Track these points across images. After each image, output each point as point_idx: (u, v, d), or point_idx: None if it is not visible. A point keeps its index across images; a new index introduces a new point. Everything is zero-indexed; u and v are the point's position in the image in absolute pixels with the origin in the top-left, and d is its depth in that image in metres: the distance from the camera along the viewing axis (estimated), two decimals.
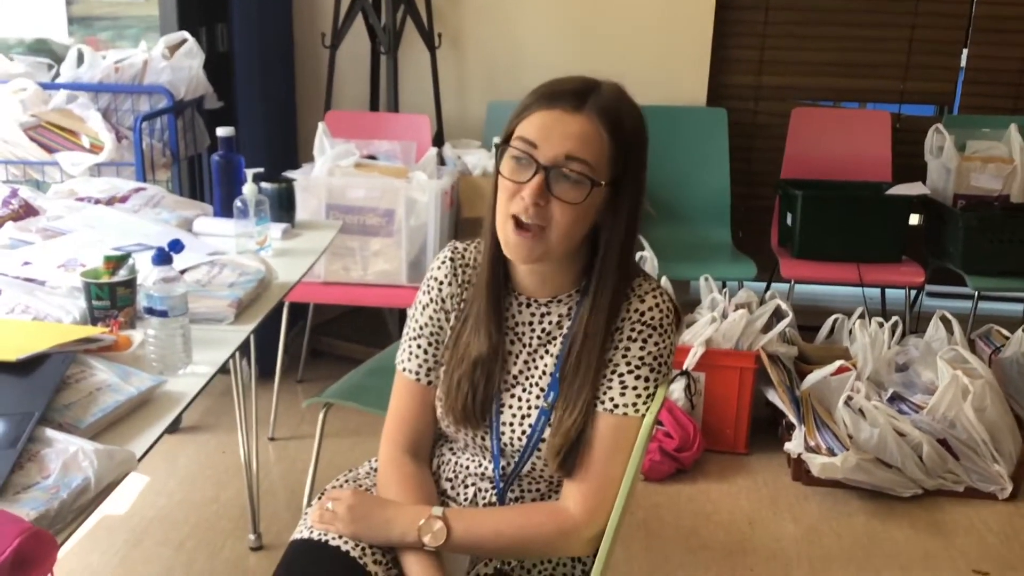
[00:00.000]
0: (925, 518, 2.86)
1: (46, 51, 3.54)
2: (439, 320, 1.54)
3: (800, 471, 3.02)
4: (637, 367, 1.42)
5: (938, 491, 2.96)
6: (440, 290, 1.53)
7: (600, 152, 1.35)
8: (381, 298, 3.22)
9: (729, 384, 3.15)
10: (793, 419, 3.02)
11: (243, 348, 3.05)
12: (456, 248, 1.54)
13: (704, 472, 3.09)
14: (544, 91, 1.38)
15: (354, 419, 3.12)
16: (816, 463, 2.87)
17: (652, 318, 1.43)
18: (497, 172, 1.40)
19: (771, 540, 2.73)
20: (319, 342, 3.82)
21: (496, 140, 1.43)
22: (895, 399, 3.10)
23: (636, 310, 1.43)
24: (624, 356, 1.42)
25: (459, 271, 1.52)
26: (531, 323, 1.49)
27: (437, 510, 1.41)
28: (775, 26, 4.04)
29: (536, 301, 1.49)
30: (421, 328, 1.55)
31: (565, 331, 1.47)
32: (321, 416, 2.41)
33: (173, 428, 3.19)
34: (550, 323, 1.48)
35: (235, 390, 2.66)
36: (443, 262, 1.54)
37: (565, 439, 1.42)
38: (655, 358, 1.43)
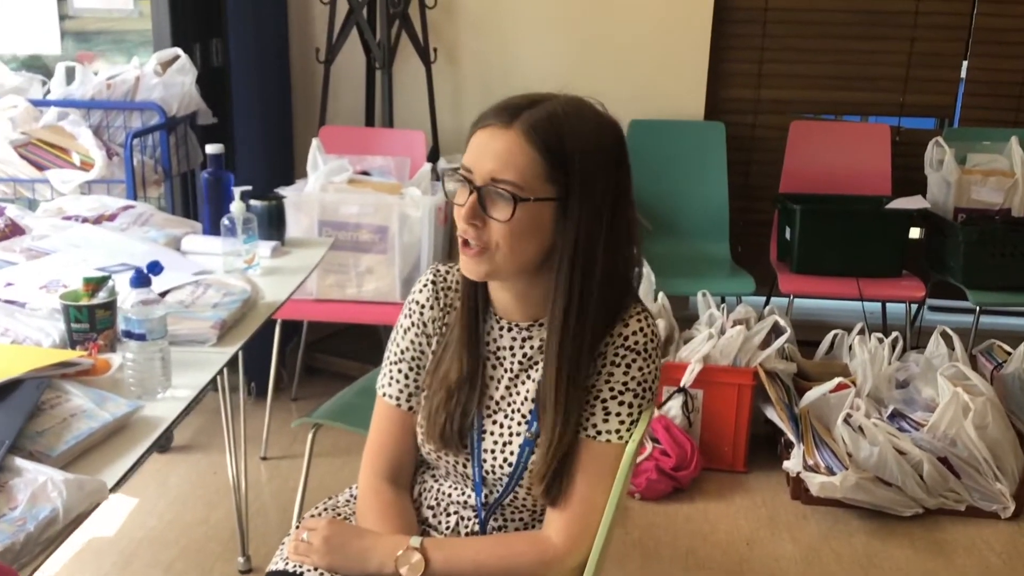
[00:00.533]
0: (926, 538, 2.82)
1: (40, 67, 3.53)
2: (420, 344, 1.50)
3: (799, 489, 2.98)
4: (620, 393, 1.38)
5: (939, 510, 2.91)
6: (422, 314, 1.50)
7: (527, 168, 1.31)
8: (374, 315, 3.19)
9: (727, 401, 3.11)
10: (792, 437, 2.98)
11: (235, 367, 3.02)
12: (438, 271, 1.51)
13: (702, 491, 3.05)
14: (486, 110, 1.36)
15: (346, 439, 3.08)
16: (815, 482, 2.83)
17: (636, 343, 1.39)
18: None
19: (770, 560, 2.69)
20: (314, 359, 3.79)
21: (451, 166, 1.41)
22: (895, 416, 3.06)
23: (620, 334, 1.39)
24: (607, 382, 1.39)
25: (441, 294, 1.49)
26: (511, 347, 1.45)
27: (415, 540, 1.38)
28: (773, 39, 4.01)
29: (517, 325, 1.45)
30: (402, 352, 1.51)
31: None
32: (310, 437, 2.38)
33: (164, 448, 3.18)
34: (531, 348, 1.44)
35: (223, 410, 2.63)
36: (425, 285, 1.51)
37: (548, 465, 1.38)
38: (639, 383, 1.39)
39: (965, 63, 4.01)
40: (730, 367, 3.10)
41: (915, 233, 3.84)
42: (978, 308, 3.55)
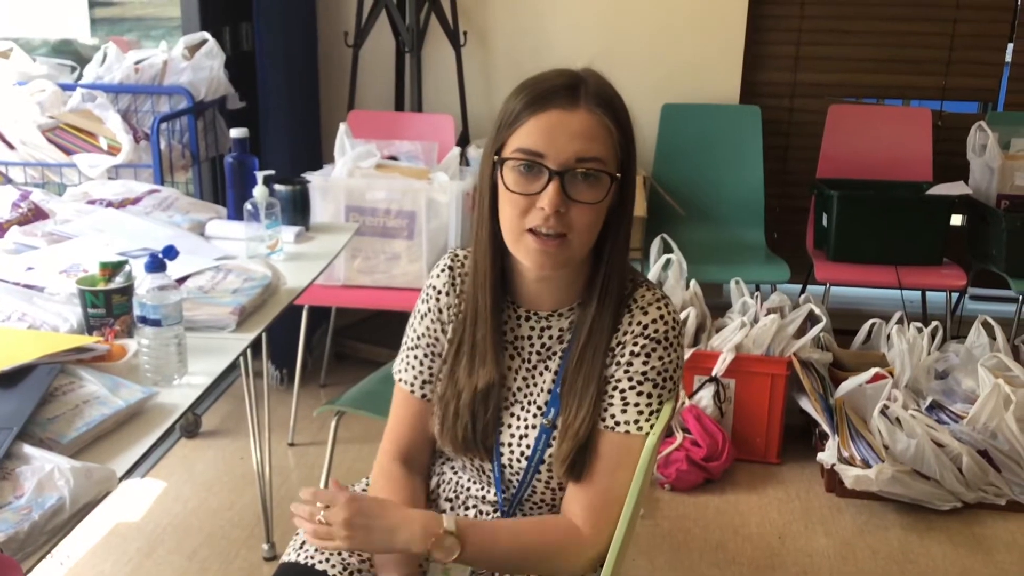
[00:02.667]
0: (964, 533, 2.74)
1: (71, 52, 3.53)
2: (436, 331, 1.47)
3: (834, 482, 2.91)
4: (640, 383, 1.33)
5: (978, 504, 2.83)
6: (438, 299, 1.46)
7: (608, 144, 1.29)
8: (402, 301, 3.14)
9: (760, 391, 3.05)
10: (826, 428, 2.91)
11: (260, 353, 3.00)
12: (456, 256, 1.47)
13: (733, 482, 2.99)
14: (531, 93, 1.30)
15: (374, 426, 3.04)
16: (850, 475, 2.76)
17: (656, 331, 1.34)
18: (492, 189, 1.32)
19: (802, 555, 2.63)
20: (343, 345, 3.77)
21: (480, 151, 1.36)
22: (934, 408, 2.98)
23: (639, 323, 1.34)
24: (627, 371, 1.34)
25: (458, 280, 1.45)
26: (530, 337, 1.41)
27: (449, 524, 1.30)
28: (811, 20, 3.92)
29: (536, 314, 1.41)
30: (418, 338, 1.48)
31: (565, 345, 1.38)
32: (333, 424, 2.36)
33: (192, 433, 3.18)
34: (550, 337, 1.40)
35: (246, 396, 2.61)
36: (442, 270, 1.47)
37: (573, 443, 1.34)
38: (659, 373, 1.34)
39: (1010, 45, 3.90)
40: (763, 356, 3.03)
41: (956, 220, 3.75)
42: (1021, 297, 3.46)
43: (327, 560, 1.35)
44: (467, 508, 1.45)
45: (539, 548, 1.35)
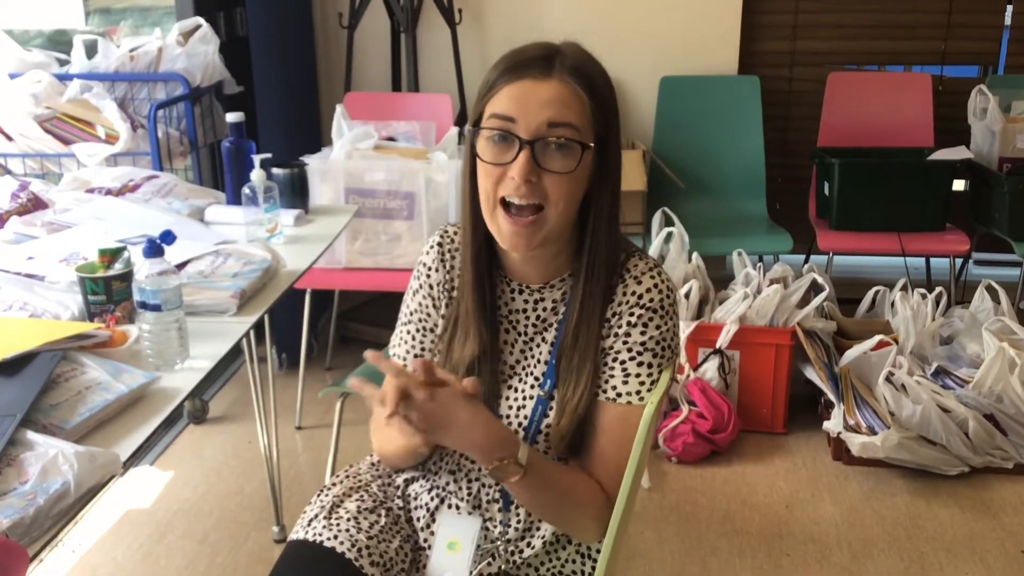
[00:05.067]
0: (972, 497, 2.75)
1: (65, 43, 3.52)
2: (427, 307, 1.48)
3: (840, 450, 2.91)
4: (639, 353, 1.33)
5: (985, 468, 2.83)
6: (428, 276, 1.47)
7: (582, 112, 1.27)
8: (404, 282, 3.12)
9: (765, 362, 3.05)
10: (831, 397, 2.91)
11: (267, 336, 3.01)
12: (446, 232, 1.47)
13: (740, 453, 3.00)
14: (507, 63, 1.30)
15: None
16: (856, 442, 2.76)
17: (651, 300, 1.34)
18: (472, 160, 1.32)
19: (809, 523, 2.64)
20: (347, 328, 3.78)
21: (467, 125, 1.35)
22: (939, 374, 2.98)
23: (634, 292, 1.34)
24: (625, 342, 1.34)
25: (447, 256, 1.46)
26: (524, 310, 1.41)
27: (523, 454, 1.28)
28: None
29: (528, 287, 1.41)
30: (411, 314, 1.49)
31: (560, 316, 1.39)
32: (338, 405, 2.37)
33: (199, 419, 3.19)
34: (544, 309, 1.40)
35: (251, 380, 2.62)
36: (432, 247, 1.48)
37: (571, 419, 1.34)
38: (657, 342, 1.34)
39: (1009, 8, 3.87)
40: (767, 327, 3.03)
41: (959, 185, 3.73)
42: None
43: (335, 537, 1.36)
44: (470, 481, 1.46)
45: (577, 499, 1.34)
